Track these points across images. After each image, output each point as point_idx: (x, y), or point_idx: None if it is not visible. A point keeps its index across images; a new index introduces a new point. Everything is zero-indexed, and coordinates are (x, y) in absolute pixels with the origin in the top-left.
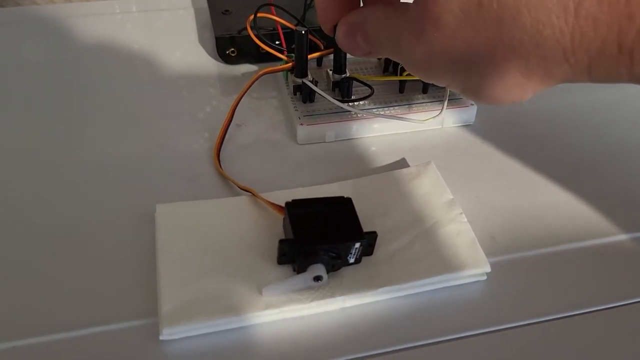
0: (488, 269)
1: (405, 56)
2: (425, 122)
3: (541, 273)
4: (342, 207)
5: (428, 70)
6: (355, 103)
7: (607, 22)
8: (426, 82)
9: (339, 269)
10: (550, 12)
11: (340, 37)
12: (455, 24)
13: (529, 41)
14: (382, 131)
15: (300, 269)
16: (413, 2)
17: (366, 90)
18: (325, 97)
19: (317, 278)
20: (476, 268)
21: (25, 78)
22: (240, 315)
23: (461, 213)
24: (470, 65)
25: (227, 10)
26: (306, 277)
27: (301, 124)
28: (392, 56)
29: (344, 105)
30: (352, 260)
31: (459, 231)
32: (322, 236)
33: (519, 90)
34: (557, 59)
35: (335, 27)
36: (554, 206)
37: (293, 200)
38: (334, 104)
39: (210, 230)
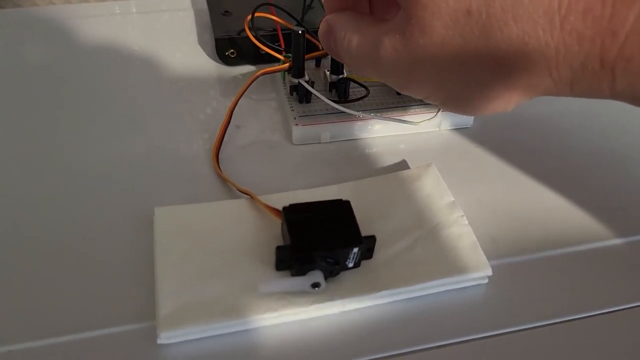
0: (489, 272)
1: (384, 66)
2: (421, 124)
3: (543, 276)
4: (340, 211)
5: (409, 79)
6: (351, 104)
7: (591, 37)
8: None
9: (337, 274)
10: (536, 24)
11: (319, 34)
12: (444, 32)
13: (515, 53)
14: (378, 133)
15: (298, 275)
16: (401, 9)
17: (363, 92)
18: (321, 97)
19: (315, 285)
20: (478, 271)
21: (25, 79)
22: (239, 318)
23: (462, 216)
24: (455, 75)
25: (226, 12)
26: (305, 280)
27: (296, 125)
28: (364, 66)
29: (338, 106)
30: (350, 265)
31: (460, 234)
32: (320, 242)
33: (501, 102)
34: (540, 72)
35: None
36: (555, 209)
37: (290, 205)
38: (330, 104)
39: (208, 233)
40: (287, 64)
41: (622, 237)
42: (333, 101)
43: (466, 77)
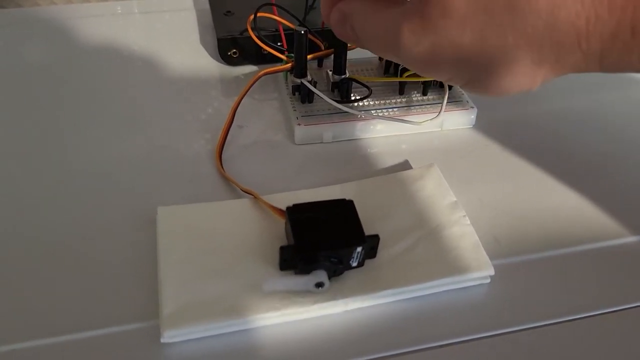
0: (492, 271)
1: (405, 50)
2: (424, 124)
3: (545, 276)
4: (343, 211)
5: (431, 63)
6: (353, 104)
7: (622, 4)
8: (426, 76)
9: (341, 273)
10: None
11: (332, 24)
12: (466, 10)
13: (544, 25)
14: (380, 132)
15: (302, 274)
16: None
17: (365, 91)
18: (323, 97)
19: (319, 285)
20: (480, 271)
21: (26, 79)
22: (242, 317)
23: (464, 215)
24: (480, 54)
25: (229, 12)
26: (308, 279)
27: (299, 124)
28: (385, 51)
29: (342, 106)
30: (354, 264)
31: (462, 234)
32: (324, 242)
33: (528, 79)
34: (570, 45)
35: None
36: (558, 209)
37: (294, 205)
38: (332, 104)
39: (211, 232)
40: (290, 64)
41: (625, 236)
42: (335, 101)
43: (491, 54)
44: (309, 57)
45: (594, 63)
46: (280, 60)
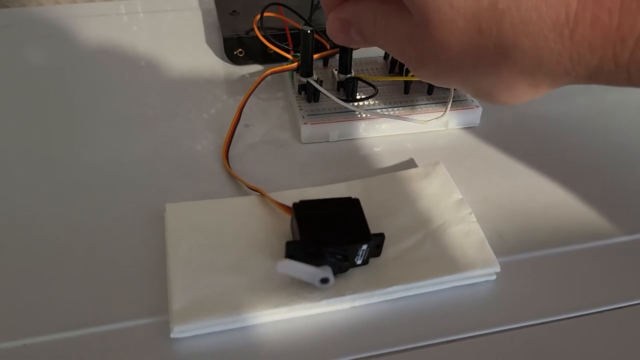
0: (498, 268)
1: (414, 68)
2: (429, 123)
3: (551, 273)
4: (349, 208)
5: (438, 81)
6: (359, 103)
7: (602, 45)
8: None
9: (346, 270)
10: (547, 38)
11: (333, 32)
12: (459, 47)
13: (531, 63)
14: (386, 131)
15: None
16: (414, 18)
17: (371, 90)
18: (329, 96)
19: (324, 280)
20: (486, 268)
21: (31, 79)
22: (251, 313)
23: (470, 213)
24: (478, 78)
25: (234, 11)
26: (319, 272)
27: (305, 123)
28: (396, 56)
29: (347, 105)
30: (359, 262)
31: (468, 231)
32: (329, 238)
33: (529, 95)
34: (559, 74)
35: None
36: (563, 206)
37: (301, 201)
38: (338, 103)
39: (219, 229)
40: (296, 63)
41: (630, 234)
42: (342, 100)
43: (489, 80)
44: (314, 56)
45: (586, 81)
46: (286, 59)
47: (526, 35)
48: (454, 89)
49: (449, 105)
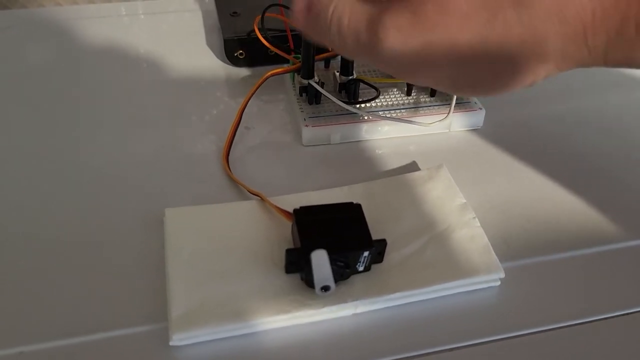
0: (502, 274)
1: (386, 49)
2: (432, 125)
3: (556, 278)
4: (351, 214)
5: (417, 64)
6: (361, 105)
7: (626, 0)
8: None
9: (347, 277)
10: None
11: (295, 12)
12: (468, 7)
13: (549, 19)
14: (388, 134)
15: (307, 278)
16: None
17: (373, 92)
18: (331, 98)
19: (325, 288)
20: (490, 273)
21: (32, 80)
22: (252, 320)
23: (474, 217)
24: (480, 53)
25: (235, 13)
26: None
27: (306, 125)
28: (359, 50)
29: (349, 107)
30: (361, 269)
31: (472, 236)
32: (330, 245)
33: (530, 75)
34: (577, 39)
35: None
36: (568, 210)
37: (301, 207)
38: (339, 105)
39: (219, 234)
40: (297, 65)
41: (636, 239)
42: (344, 102)
43: (493, 51)
44: (316, 58)
45: (599, 59)
46: (286, 61)
47: None
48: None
49: (452, 107)
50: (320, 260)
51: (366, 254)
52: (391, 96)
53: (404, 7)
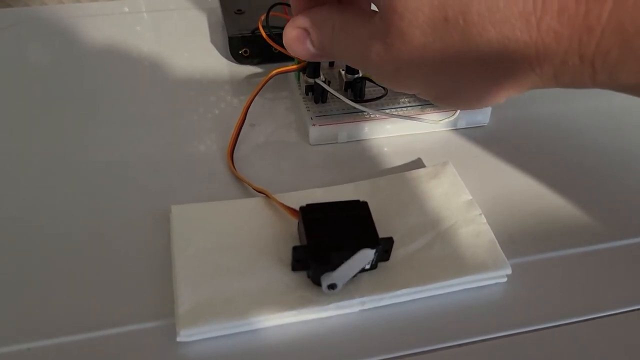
0: (509, 270)
1: (373, 68)
2: (439, 123)
3: (563, 275)
4: (357, 212)
5: (398, 82)
6: (368, 103)
7: (568, 35)
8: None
9: (354, 275)
10: (513, 27)
11: (289, 41)
12: (423, 39)
13: (496, 55)
14: (394, 132)
15: (314, 275)
16: (378, 13)
17: (379, 91)
18: (339, 97)
19: (332, 286)
20: (496, 270)
21: (35, 79)
22: (258, 316)
23: (480, 214)
24: (441, 76)
25: (239, 10)
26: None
27: (313, 125)
28: (357, 66)
29: (358, 106)
30: (367, 267)
31: (478, 232)
32: (337, 243)
33: (492, 97)
34: (524, 70)
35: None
36: (574, 207)
37: (307, 205)
38: (346, 104)
39: (225, 231)
40: (302, 64)
41: None
42: (352, 101)
43: (452, 77)
44: None
45: (551, 82)
46: (291, 59)
47: (493, 24)
48: None
49: None
50: (361, 259)
51: (373, 252)
52: (396, 94)
53: (380, 36)
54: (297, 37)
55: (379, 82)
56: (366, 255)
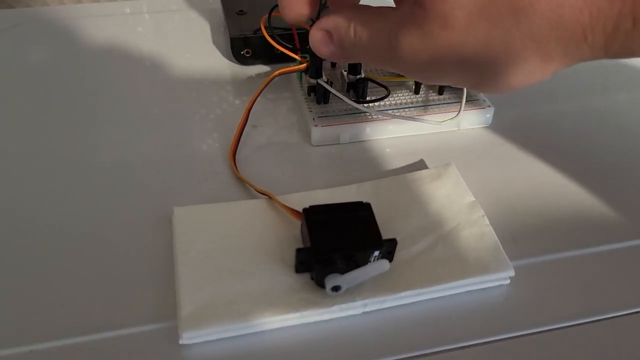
0: (512, 272)
1: (404, 61)
2: (442, 123)
3: (566, 277)
4: (361, 213)
5: (434, 72)
6: (371, 104)
7: None
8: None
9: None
10: None
11: (316, 44)
12: (467, 20)
13: (549, 24)
14: (397, 133)
15: (318, 277)
16: (406, 2)
17: (381, 91)
18: (342, 97)
19: (335, 288)
20: (500, 271)
21: (36, 79)
22: (261, 319)
23: (483, 215)
24: (485, 59)
25: (241, 11)
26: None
27: (316, 125)
28: (382, 63)
29: (360, 106)
30: None
31: (481, 234)
32: (340, 244)
33: (538, 74)
34: (576, 39)
35: (311, 26)
36: (578, 208)
37: (311, 207)
38: (348, 105)
39: (228, 233)
40: (305, 64)
41: None
42: (355, 102)
43: (498, 58)
44: None
45: (600, 52)
46: (293, 60)
47: None
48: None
49: (463, 105)
50: (376, 268)
51: (376, 253)
52: (399, 94)
53: (413, 23)
54: (321, 39)
55: (411, 77)
56: (382, 265)
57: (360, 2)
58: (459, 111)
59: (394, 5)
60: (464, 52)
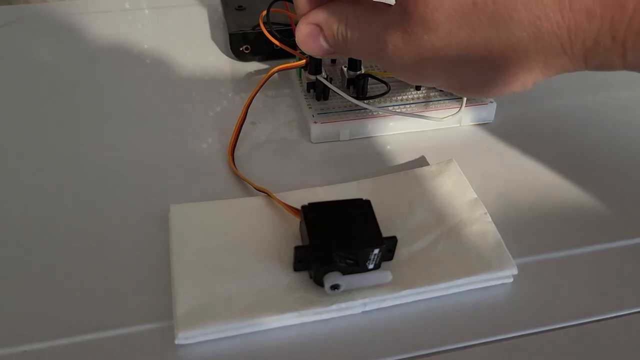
0: (515, 270)
1: (391, 62)
2: (444, 120)
3: (569, 275)
4: (360, 211)
5: (419, 74)
6: (371, 100)
7: (600, 13)
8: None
9: None
10: (545, 7)
11: (302, 38)
12: (449, 25)
13: (528, 37)
14: (397, 129)
15: (317, 276)
16: (395, 3)
17: (381, 88)
18: (341, 94)
19: (334, 287)
20: (502, 270)
21: (35, 76)
22: (259, 318)
23: (485, 213)
24: (467, 64)
25: (240, 7)
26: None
27: (315, 122)
28: (372, 61)
29: (360, 103)
30: (371, 267)
31: (483, 231)
32: (340, 242)
33: (519, 83)
34: (555, 52)
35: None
36: (581, 205)
37: (310, 204)
38: (348, 101)
39: (225, 231)
40: (304, 60)
41: None
42: (355, 98)
43: (479, 64)
44: None
45: (580, 65)
46: (292, 56)
47: (523, 3)
48: None
49: (465, 101)
50: (379, 277)
51: (376, 251)
52: (399, 91)
53: (399, 25)
54: (309, 33)
55: (398, 76)
56: (385, 276)
57: None
58: (461, 107)
59: (384, 5)
60: (446, 56)
